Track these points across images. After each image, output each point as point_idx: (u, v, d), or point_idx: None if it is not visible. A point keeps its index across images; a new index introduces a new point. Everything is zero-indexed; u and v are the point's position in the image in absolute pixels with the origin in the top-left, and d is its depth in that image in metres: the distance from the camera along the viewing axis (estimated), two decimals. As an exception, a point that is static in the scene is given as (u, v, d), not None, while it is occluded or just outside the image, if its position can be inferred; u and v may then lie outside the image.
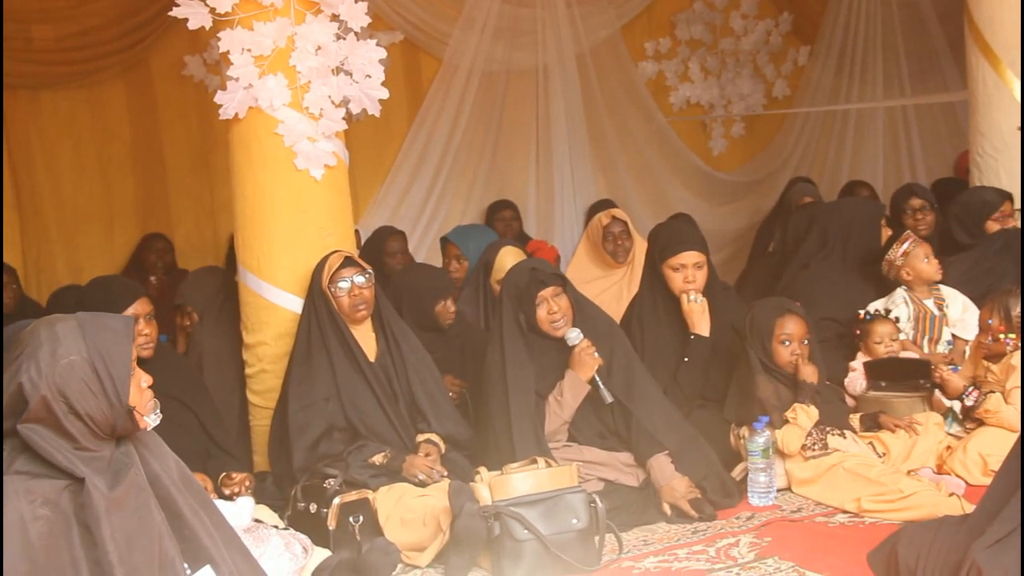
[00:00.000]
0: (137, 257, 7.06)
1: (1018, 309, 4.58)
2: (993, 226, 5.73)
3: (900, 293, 5.28)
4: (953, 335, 5.25)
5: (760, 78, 9.16)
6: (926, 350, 5.19)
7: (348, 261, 4.44)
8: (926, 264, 5.23)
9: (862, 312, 5.16)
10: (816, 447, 4.41)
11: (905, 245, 5.24)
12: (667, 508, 4.23)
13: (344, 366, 4.43)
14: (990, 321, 4.62)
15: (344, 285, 4.41)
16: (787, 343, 4.51)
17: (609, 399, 4.41)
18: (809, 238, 5.72)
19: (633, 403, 4.45)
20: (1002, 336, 4.58)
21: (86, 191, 7.00)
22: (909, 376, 4.80)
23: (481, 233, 6.41)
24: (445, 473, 4.21)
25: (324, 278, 4.43)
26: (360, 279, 4.43)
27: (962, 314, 5.27)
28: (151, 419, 2.80)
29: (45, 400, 2.56)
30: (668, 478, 4.28)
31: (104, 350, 2.64)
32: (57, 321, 2.68)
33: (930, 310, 5.27)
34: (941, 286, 5.33)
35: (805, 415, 4.37)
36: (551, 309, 4.45)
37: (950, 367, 4.80)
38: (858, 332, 5.12)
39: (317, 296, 4.47)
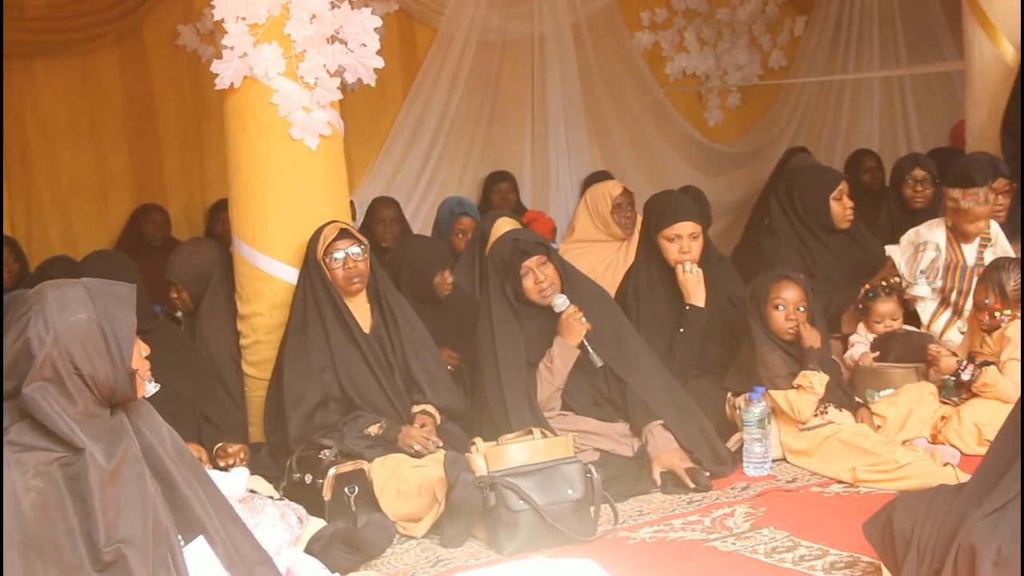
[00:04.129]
0: (134, 228, 7.03)
1: (1012, 283, 4.56)
2: None
3: (942, 230, 5.25)
4: None
5: (756, 48, 9.12)
6: (955, 301, 5.15)
7: (343, 233, 4.42)
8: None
9: (865, 287, 5.15)
10: (817, 417, 4.41)
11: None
12: (658, 477, 4.24)
13: (339, 337, 4.42)
14: (987, 300, 4.60)
15: (339, 256, 4.39)
16: (781, 308, 4.51)
17: (599, 363, 4.41)
18: (778, 202, 5.75)
19: (625, 371, 4.45)
20: (998, 314, 4.57)
21: (80, 161, 6.96)
22: (912, 349, 4.80)
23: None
24: (440, 444, 4.21)
25: (319, 249, 4.41)
26: (355, 251, 4.40)
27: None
28: (149, 387, 2.81)
29: (51, 357, 2.57)
30: (663, 448, 4.29)
31: (110, 313, 2.66)
32: (63, 283, 2.71)
33: (963, 259, 5.22)
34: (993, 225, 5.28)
35: (819, 381, 4.38)
36: (537, 278, 4.44)
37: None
38: (861, 307, 5.12)
39: (312, 267, 4.45)
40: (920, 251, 5.27)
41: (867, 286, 5.20)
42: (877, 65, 9.11)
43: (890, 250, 5.42)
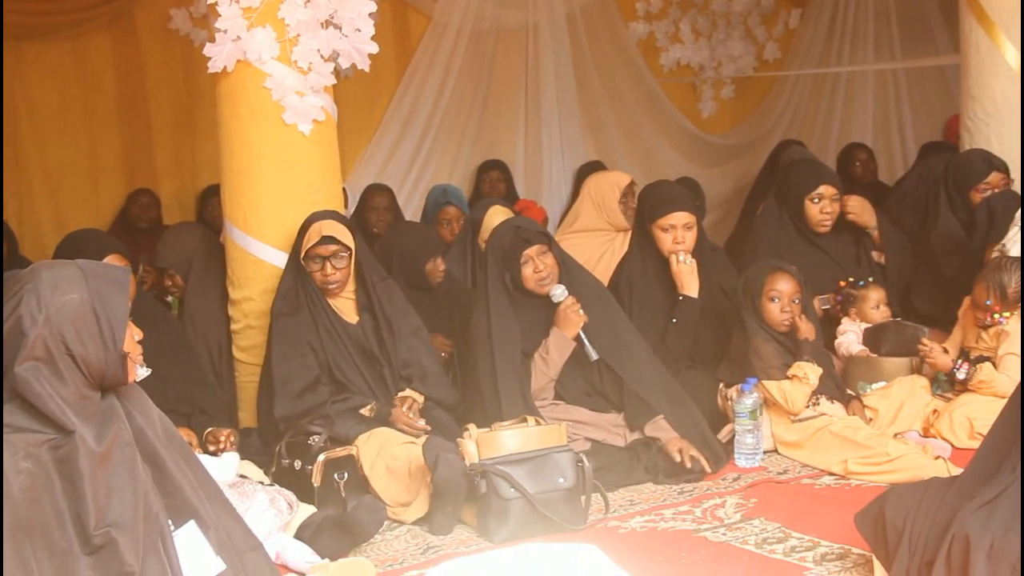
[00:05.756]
0: (124, 212, 7.00)
1: (1013, 285, 4.53)
2: (976, 197, 5.58)
3: None
4: None
5: (751, 40, 9.10)
6: None
7: (326, 239, 4.36)
8: None
9: (846, 280, 5.14)
10: (809, 409, 4.41)
11: None
12: (676, 454, 4.20)
13: (325, 325, 4.40)
14: (988, 301, 4.56)
15: (316, 265, 4.37)
16: (776, 300, 4.50)
17: (595, 356, 4.39)
18: (767, 200, 5.71)
19: (621, 365, 4.44)
20: (997, 315, 4.55)
21: (71, 145, 6.92)
22: (905, 342, 4.80)
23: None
24: (429, 428, 4.20)
25: (301, 250, 4.39)
26: (335, 260, 4.36)
27: None
28: (141, 372, 2.79)
29: (43, 336, 2.55)
30: (671, 434, 4.29)
31: (103, 295, 2.64)
32: (57, 263, 2.69)
33: None
34: None
35: (813, 372, 4.37)
36: (537, 267, 4.42)
37: None
38: (840, 298, 5.11)
39: (298, 258, 4.43)
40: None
41: (842, 283, 5.19)
42: (871, 58, 9.10)
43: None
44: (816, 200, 5.35)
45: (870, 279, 5.18)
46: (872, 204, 5.62)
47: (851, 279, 5.20)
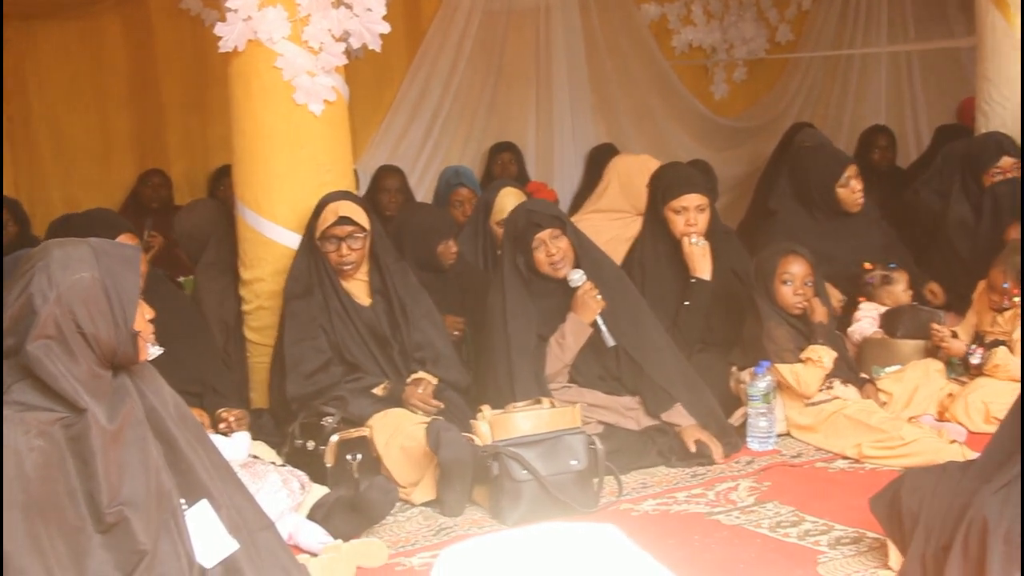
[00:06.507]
0: (135, 192, 7.00)
1: None
2: (988, 181, 5.54)
3: None
4: None
5: (763, 22, 9.03)
6: None
7: (342, 220, 4.34)
8: None
9: (871, 263, 5.10)
10: (823, 392, 4.39)
11: None
12: (692, 445, 4.19)
13: (337, 307, 4.39)
14: (1005, 284, 4.54)
15: (331, 246, 4.35)
16: (789, 283, 4.48)
17: (611, 342, 4.37)
18: (779, 184, 5.66)
19: (639, 352, 4.40)
20: (1016, 299, 4.52)
21: (82, 124, 6.91)
22: (921, 326, 4.77)
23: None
24: (442, 406, 4.19)
25: (316, 231, 4.37)
26: (351, 241, 4.35)
27: None
28: (152, 350, 2.78)
29: (54, 315, 2.54)
30: (688, 420, 4.28)
31: (114, 273, 2.63)
32: (68, 242, 2.68)
33: None
34: None
35: (828, 356, 4.34)
36: (549, 251, 4.39)
37: None
38: (871, 280, 5.08)
39: (311, 239, 4.41)
40: None
41: (867, 266, 5.15)
42: (885, 40, 9.03)
43: None
44: (845, 184, 5.33)
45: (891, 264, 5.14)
46: (893, 190, 5.60)
47: (867, 267, 5.15)
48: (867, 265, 5.14)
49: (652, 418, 4.33)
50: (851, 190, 5.36)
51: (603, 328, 4.36)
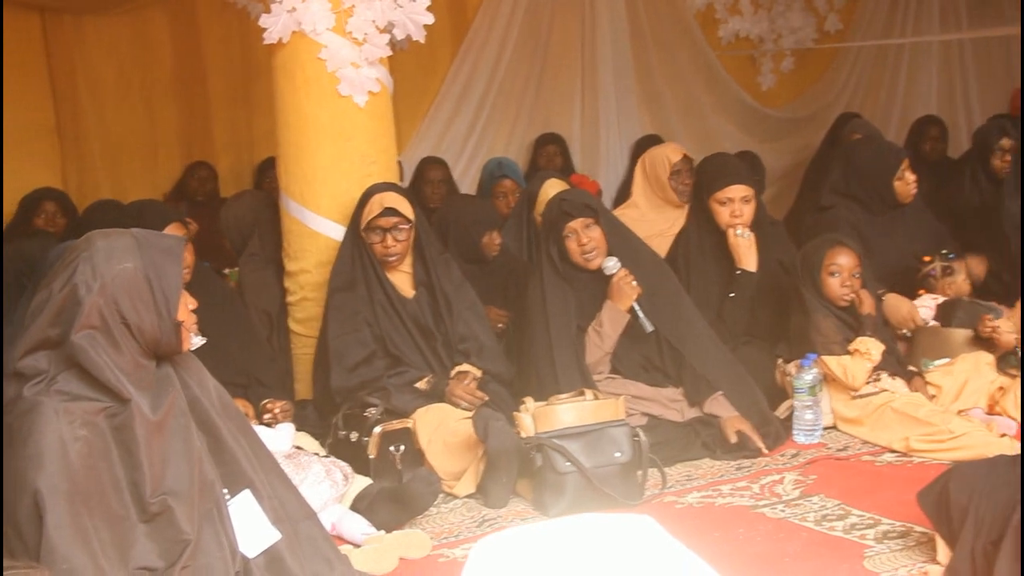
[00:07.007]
0: (181, 185, 7.05)
1: None
2: (996, 163, 5.50)
3: None
4: None
5: (811, 11, 8.91)
6: None
7: (387, 211, 4.35)
8: None
9: (930, 255, 5.03)
10: (870, 385, 4.33)
11: None
12: (733, 435, 4.16)
13: (381, 299, 4.40)
14: None
15: (376, 237, 4.35)
16: (836, 275, 4.43)
17: (650, 328, 4.34)
18: (831, 178, 5.59)
19: (680, 340, 4.38)
20: None
21: (129, 118, 6.97)
22: (974, 319, 4.69)
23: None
24: (486, 398, 4.18)
25: (361, 222, 4.37)
26: (396, 232, 4.35)
27: None
28: (195, 340, 2.79)
29: (97, 305, 2.56)
30: (730, 413, 4.25)
31: (157, 264, 2.65)
32: (112, 233, 2.70)
33: None
34: None
35: (876, 348, 4.29)
36: (581, 241, 4.37)
37: None
38: (933, 272, 5.00)
39: (356, 231, 4.42)
40: None
41: (926, 258, 5.08)
42: (937, 29, 8.88)
43: None
44: (900, 176, 5.27)
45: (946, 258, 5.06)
46: (943, 181, 5.53)
47: (926, 259, 5.08)
48: (926, 257, 5.06)
49: (693, 408, 4.30)
50: (906, 182, 5.28)
51: (640, 314, 4.34)
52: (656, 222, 5.73)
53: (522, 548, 1.37)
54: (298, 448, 3.82)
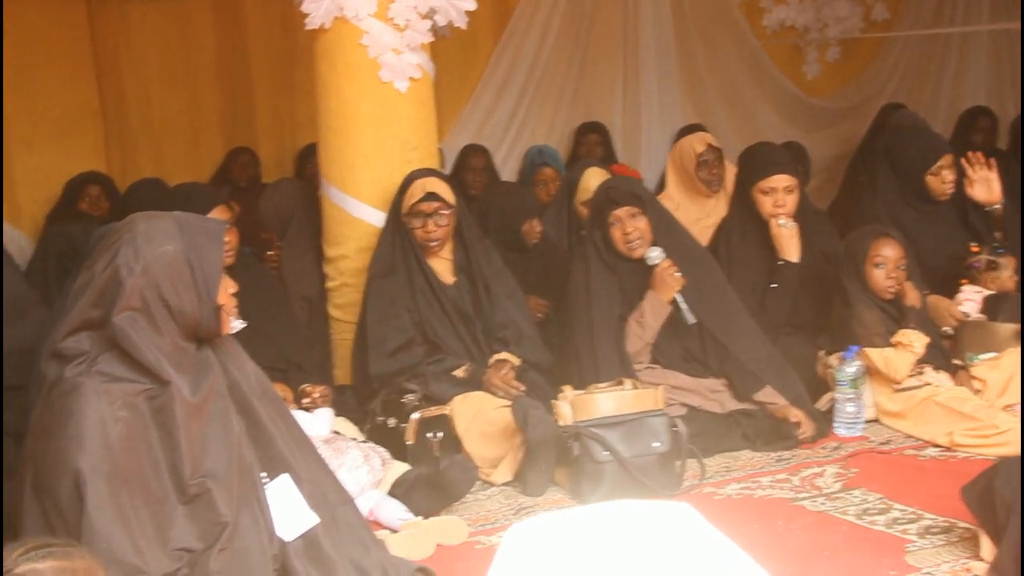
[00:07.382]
0: (223, 170, 7.09)
1: None
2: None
3: None
4: None
5: (858, 1, 8.82)
6: None
7: (429, 196, 4.34)
8: None
9: (977, 246, 4.94)
10: (913, 378, 4.28)
11: None
12: (795, 417, 4.16)
13: (422, 285, 4.39)
14: None
15: (417, 222, 4.35)
16: (881, 266, 4.38)
17: (692, 320, 4.31)
18: (881, 168, 5.51)
19: (724, 333, 4.34)
20: None
21: (173, 103, 7.00)
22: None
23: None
24: (523, 388, 4.17)
25: (403, 207, 4.37)
26: (437, 217, 4.34)
27: None
28: (235, 324, 2.80)
29: (139, 286, 2.57)
30: (782, 400, 4.23)
31: (198, 246, 2.65)
32: (154, 215, 2.72)
33: None
34: None
35: (919, 340, 4.24)
36: (625, 229, 4.34)
37: None
38: (975, 264, 4.92)
39: (397, 217, 4.42)
40: None
41: (974, 248, 4.99)
42: (987, 18, 8.74)
43: None
44: (936, 172, 5.18)
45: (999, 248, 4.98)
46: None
47: (975, 248, 4.99)
48: (974, 247, 4.97)
49: (739, 401, 4.26)
50: (941, 179, 5.17)
51: (683, 306, 4.30)
52: (691, 212, 5.70)
53: (555, 534, 1.36)
54: (336, 433, 3.83)
